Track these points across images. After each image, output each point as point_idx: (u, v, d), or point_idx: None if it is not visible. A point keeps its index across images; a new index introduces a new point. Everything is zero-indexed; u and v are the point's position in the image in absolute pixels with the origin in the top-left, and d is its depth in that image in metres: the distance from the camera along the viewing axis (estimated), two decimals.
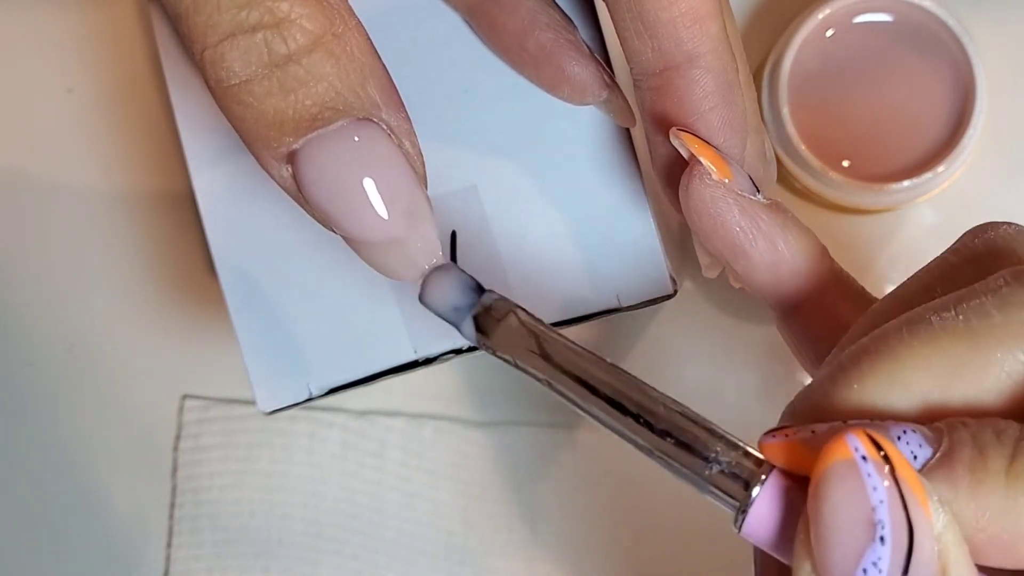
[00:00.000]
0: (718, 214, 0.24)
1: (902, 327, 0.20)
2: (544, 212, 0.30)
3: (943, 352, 0.20)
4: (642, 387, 0.22)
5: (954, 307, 0.20)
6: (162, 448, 0.42)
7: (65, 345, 0.42)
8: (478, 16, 0.30)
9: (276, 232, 0.31)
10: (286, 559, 0.42)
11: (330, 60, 0.21)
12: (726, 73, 0.25)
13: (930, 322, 0.20)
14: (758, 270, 0.25)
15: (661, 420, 0.21)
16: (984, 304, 0.20)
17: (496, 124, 0.30)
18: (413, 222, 0.22)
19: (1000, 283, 0.20)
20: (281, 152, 0.22)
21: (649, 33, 0.25)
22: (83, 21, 0.42)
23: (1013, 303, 0.20)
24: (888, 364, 0.20)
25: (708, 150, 0.25)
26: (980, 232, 0.23)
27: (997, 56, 0.39)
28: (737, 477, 0.20)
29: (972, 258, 0.23)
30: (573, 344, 0.22)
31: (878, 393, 0.20)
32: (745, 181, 0.25)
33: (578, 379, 0.22)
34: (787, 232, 0.25)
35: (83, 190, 0.42)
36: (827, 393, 0.21)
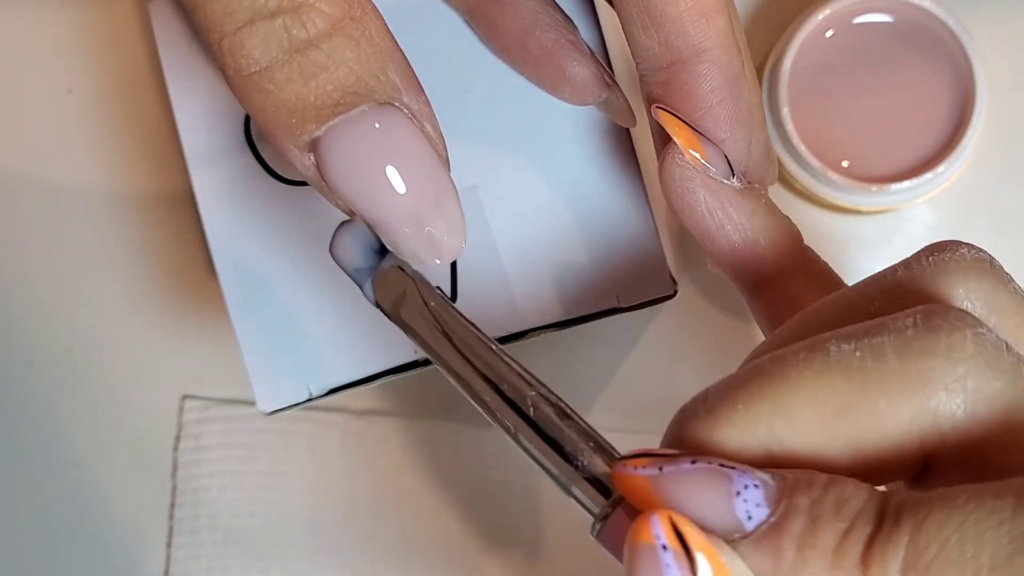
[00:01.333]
0: (686, 193, 0.25)
1: (801, 352, 0.19)
2: (544, 212, 0.30)
3: (832, 389, 0.19)
4: (526, 378, 0.21)
5: (857, 340, 0.19)
6: (162, 448, 0.42)
7: (65, 345, 0.42)
8: (478, 16, 0.30)
9: (276, 232, 0.31)
10: (286, 559, 0.42)
11: (350, 44, 0.21)
12: (732, 67, 0.25)
13: (828, 352, 0.19)
14: (722, 251, 0.25)
15: (538, 413, 0.21)
16: (884, 345, 0.19)
17: (496, 124, 0.30)
18: (438, 205, 0.22)
19: (908, 323, 0.19)
20: (304, 140, 0.21)
21: (656, 27, 0.25)
22: (83, 21, 0.42)
23: (913, 349, 0.19)
24: (776, 391, 0.19)
25: (684, 131, 0.25)
26: (934, 251, 0.21)
27: (997, 56, 0.39)
28: (601, 485, 0.20)
29: (909, 280, 0.21)
30: (464, 324, 0.22)
31: (760, 420, 0.19)
32: (721, 163, 0.25)
33: (458, 361, 0.22)
34: (755, 218, 0.25)
35: (83, 190, 0.42)
36: (711, 410, 0.20)
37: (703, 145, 0.25)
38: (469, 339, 0.22)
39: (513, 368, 0.21)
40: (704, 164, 0.25)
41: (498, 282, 0.30)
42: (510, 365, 0.21)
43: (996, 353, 0.19)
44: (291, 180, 0.31)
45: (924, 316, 0.19)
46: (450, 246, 0.22)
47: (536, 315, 0.30)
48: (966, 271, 0.20)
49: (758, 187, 0.26)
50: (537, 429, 0.21)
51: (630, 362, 0.41)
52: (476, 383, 0.21)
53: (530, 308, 0.30)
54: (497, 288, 0.30)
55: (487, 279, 0.30)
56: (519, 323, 0.30)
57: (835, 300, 0.21)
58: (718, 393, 0.20)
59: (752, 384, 0.19)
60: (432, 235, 0.22)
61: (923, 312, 0.19)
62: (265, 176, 0.31)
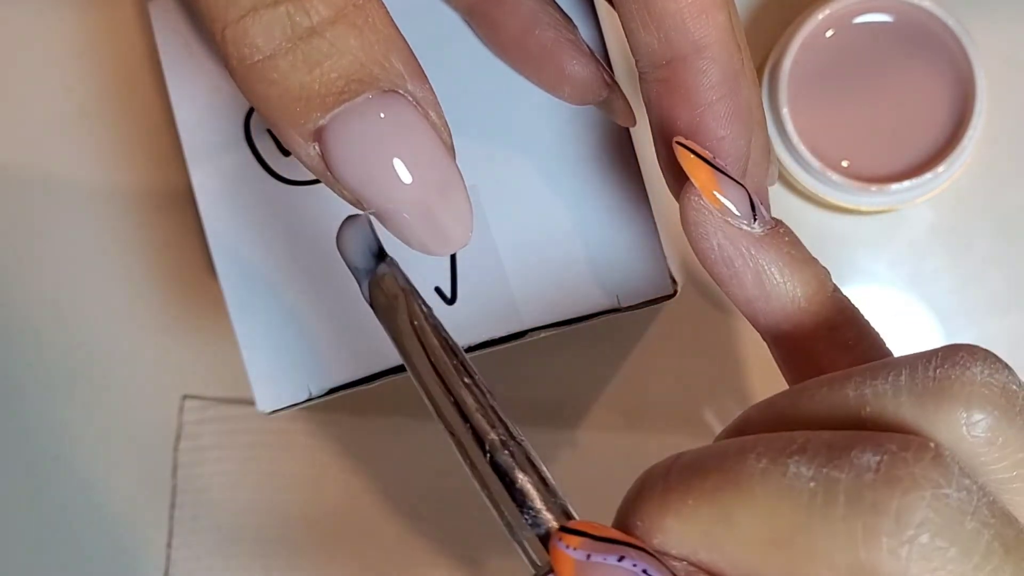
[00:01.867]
0: (700, 239, 0.24)
1: (764, 460, 0.19)
2: (544, 212, 0.30)
3: (777, 517, 0.18)
4: (491, 419, 0.21)
5: (819, 466, 0.18)
6: (162, 448, 0.42)
7: (65, 345, 0.42)
8: (478, 16, 0.29)
9: (276, 232, 0.31)
10: (286, 559, 0.42)
11: (353, 32, 0.21)
12: (732, 64, 0.25)
13: (785, 473, 0.18)
14: (737, 301, 0.24)
15: (494, 457, 0.20)
16: (839, 484, 0.18)
17: (496, 124, 0.30)
18: (445, 194, 0.22)
19: (871, 464, 0.18)
20: (308, 129, 0.21)
21: (656, 24, 0.24)
22: (83, 21, 0.42)
23: (864, 501, 0.18)
24: (726, 498, 0.19)
25: (703, 171, 0.24)
26: (945, 361, 0.20)
27: (997, 56, 0.39)
28: (545, 541, 0.20)
29: (908, 394, 0.20)
30: (443, 349, 0.22)
31: (703, 522, 0.19)
32: (743, 205, 0.24)
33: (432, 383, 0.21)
34: (776, 269, 0.24)
35: (83, 190, 0.42)
36: (666, 492, 0.19)
37: (724, 186, 0.24)
38: (442, 366, 0.21)
39: (481, 405, 0.21)
40: (725, 205, 0.24)
41: (498, 282, 0.30)
42: (479, 402, 0.21)
43: (955, 519, 0.18)
44: (291, 179, 0.31)
45: (889, 462, 0.18)
46: (457, 235, 0.22)
47: (536, 315, 0.30)
48: (970, 397, 0.19)
49: (784, 231, 0.24)
50: (494, 471, 0.20)
51: (630, 362, 0.41)
52: (446, 409, 0.21)
53: (530, 308, 0.30)
54: (497, 288, 0.30)
55: (487, 279, 0.30)
56: (519, 323, 0.30)
57: (829, 391, 0.21)
58: (678, 476, 0.20)
59: (708, 481, 0.19)
60: (439, 224, 0.22)
61: (890, 456, 0.18)
62: (265, 175, 0.31)
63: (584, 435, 0.41)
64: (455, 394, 0.21)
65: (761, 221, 0.24)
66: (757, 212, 0.24)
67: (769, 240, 0.24)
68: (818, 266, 0.24)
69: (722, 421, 0.41)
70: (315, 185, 0.31)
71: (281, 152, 0.31)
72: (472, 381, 0.21)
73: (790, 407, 0.21)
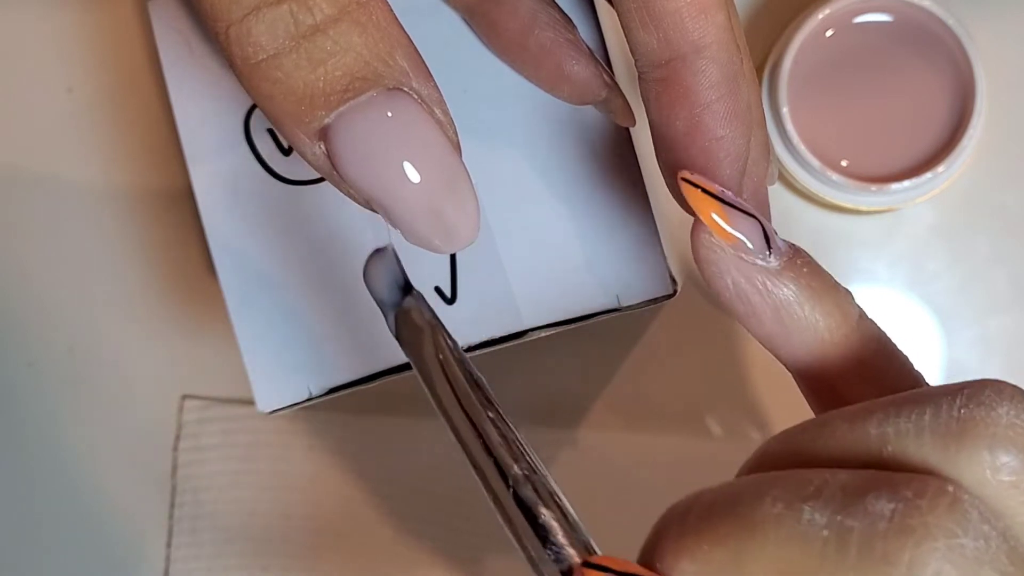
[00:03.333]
0: (714, 277, 0.23)
1: (779, 505, 0.18)
2: (544, 212, 0.30)
3: (788, 563, 0.18)
4: (515, 453, 0.21)
5: (832, 513, 0.18)
6: (162, 448, 0.42)
7: (65, 345, 0.42)
8: (478, 16, 0.29)
9: (276, 232, 0.31)
10: (286, 559, 0.42)
11: (357, 29, 0.21)
12: (732, 64, 0.25)
13: (799, 519, 0.18)
14: (758, 338, 0.23)
15: (517, 492, 0.20)
16: (852, 533, 0.18)
17: (496, 124, 0.30)
18: (451, 191, 0.22)
19: (885, 511, 0.18)
20: (313, 128, 0.21)
21: (655, 23, 0.24)
22: (83, 21, 0.42)
23: (875, 552, 0.17)
24: (739, 543, 0.18)
25: (711, 207, 0.23)
26: (971, 399, 0.19)
27: (997, 56, 0.39)
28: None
29: (931, 432, 0.19)
30: (472, 383, 0.21)
31: (717, 567, 0.19)
32: (756, 239, 0.22)
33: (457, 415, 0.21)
34: (796, 303, 0.23)
35: (83, 190, 0.42)
36: (683, 534, 0.19)
37: (735, 220, 0.22)
38: (466, 400, 0.21)
39: (505, 438, 0.21)
40: (738, 239, 0.22)
41: (498, 282, 0.30)
42: (503, 435, 0.21)
43: (970, 570, 0.17)
44: (291, 179, 0.31)
45: (903, 511, 0.18)
46: (464, 232, 0.22)
47: (536, 315, 0.30)
48: (994, 438, 0.19)
49: (802, 261, 0.23)
50: (518, 506, 0.20)
51: (630, 362, 0.41)
52: (470, 442, 0.21)
53: (530, 308, 0.30)
54: (497, 288, 0.30)
55: (487, 279, 0.30)
56: (519, 323, 0.30)
57: (850, 429, 0.20)
58: (696, 518, 0.19)
59: (723, 526, 0.19)
60: (445, 221, 0.22)
61: (904, 504, 0.18)
62: (265, 175, 0.31)
63: (584, 435, 0.41)
64: (479, 427, 0.21)
65: (776, 253, 0.23)
66: (772, 244, 0.23)
67: (787, 273, 0.23)
68: (841, 294, 0.23)
69: (722, 421, 0.41)
70: (315, 185, 0.31)
71: (281, 152, 0.31)
72: (497, 415, 0.21)
73: (809, 443, 0.20)
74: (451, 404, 0.21)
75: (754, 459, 0.21)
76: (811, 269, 0.23)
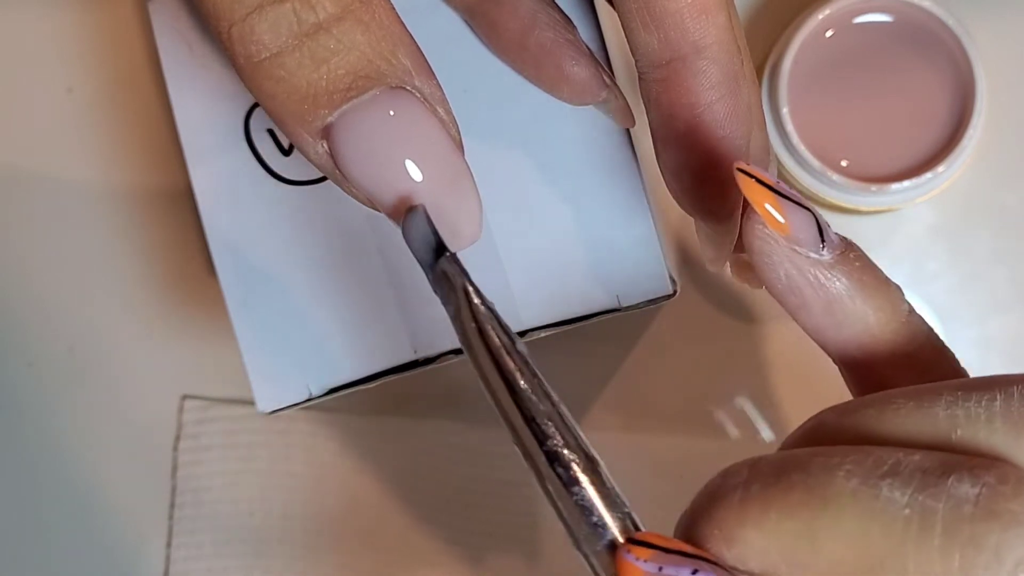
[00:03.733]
0: (767, 268, 0.23)
1: (854, 480, 0.18)
2: (544, 212, 0.30)
3: (867, 538, 0.18)
4: (563, 426, 0.20)
5: (913, 492, 0.18)
6: (162, 448, 0.42)
7: (65, 345, 0.42)
8: (478, 16, 0.29)
9: (276, 232, 0.31)
10: (286, 559, 0.42)
11: (360, 28, 0.21)
12: (732, 64, 0.25)
13: (878, 496, 0.18)
14: (807, 330, 0.23)
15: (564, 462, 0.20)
16: (936, 514, 0.18)
17: (496, 124, 0.30)
18: (454, 189, 0.22)
19: (970, 495, 0.18)
20: (316, 127, 0.21)
21: (656, 24, 0.24)
22: (83, 21, 0.42)
23: (962, 533, 0.17)
24: (812, 515, 0.18)
25: (766, 197, 0.22)
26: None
27: (997, 56, 0.39)
28: (613, 552, 0.19)
29: (1002, 419, 0.19)
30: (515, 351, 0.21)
31: (786, 537, 0.18)
32: (809, 231, 0.22)
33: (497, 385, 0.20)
34: (847, 297, 0.22)
35: (83, 190, 0.42)
36: (746, 502, 0.19)
37: (790, 212, 0.22)
38: (503, 365, 0.20)
39: (546, 408, 0.20)
40: (792, 231, 0.22)
41: (498, 282, 0.30)
42: (544, 405, 0.20)
43: None
44: (291, 179, 0.31)
45: (988, 496, 0.18)
46: (467, 231, 0.22)
47: (536, 315, 0.30)
48: None
49: (855, 255, 0.23)
50: (559, 479, 0.20)
51: (630, 362, 0.41)
52: (511, 415, 0.20)
53: (530, 308, 0.30)
54: (497, 288, 0.30)
55: (487, 279, 0.30)
56: (519, 323, 0.30)
57: (918, 409, 0.20)
58: (761, 486, 0.19)
59: (792, 495, 0.19)
60: (449, 220, 0.22)
61: (988, 488, 0.18)
62: (265, 175, 0.31)
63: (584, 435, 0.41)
64: (517, 392, 0.20)
65: (830, 246, 0.23)
66: (825, 237, 0.23)
67: (839, 266, 0.23)
68: (891, 289, 0.23)
69: (722, 421, 0.41)
70: (315, 185, 0.31)
71: (281, 152, 0.31)
72: (538, 382, 0.20)
73: (874, 419, 0.20)
74: (489, 369, 0.20)
75: (806, 431, 0.21)
76: (863, 263, 0.23)
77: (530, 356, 0.21)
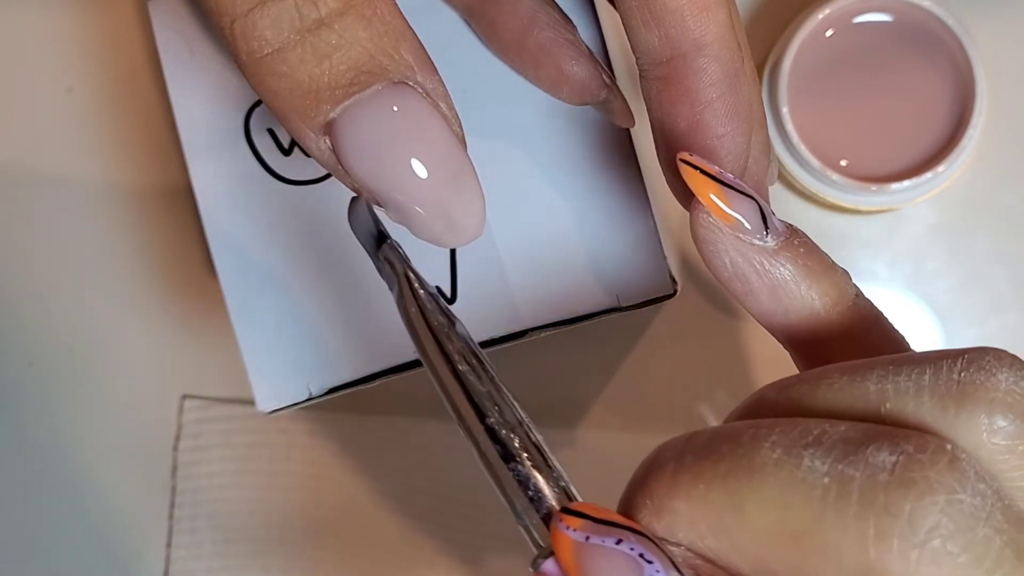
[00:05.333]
0: (713, 256, 0.23)
1: (778, 450, 0.18)
2: (544, 212, 0.30)
3: (788, 509, 0.18)
4: (502, 396, 0.21)
5: (833, 461, 0.18)
6: (162, 448, 0.42)
7: (65, 345, 0.42)
8: (478, 16, 0.29)
9: (276, 232, 0.31)
10: (286, 559, 0.42)
11: (362, 23, 0.21)
12: (732, 62, 0.25)
13: (800, 465, 0.18)
14: (755, 316, 0.24)
15: (503, 436, 0.20)
16: (853, 482, 0.18)
17: (496, 124, 0.30)
18: (457, 185, 0.22)
19: (886, 463, 0.18)
20: (318, 122, 0.21)
21: (656, 21, 0.24)
22: (83, 21, 0.42)
23: (877, 502, 0.17)
24: (738, 485, 0.18)
25: (709, 187, 0.23)
26: (971, 364, 0.20)
27: (997, 56, 0.39)
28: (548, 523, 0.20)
29: (930, 392, 0.19)
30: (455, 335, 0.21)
31: (714, 507, 0.19)
32: (754, 219, 0.23)
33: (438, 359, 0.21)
34: (793, 283, 0.23)
35: (83, 190, 0.42)
36: (678, 473, 0.19)
37: (733, 200, 0.23)
38: (445, 346, 0.21)
39: (485, 387, 0.21)
40: (735, 220, 0.23)
41: (498, 282, 0.30)
42: (483, 384, 0.21)
43: (967, 525, 0.17)
44: (291, 179, 0.31)
45: (905, 464, 0.18)
46: (470, 226, 0.22)
47: (536, 315, 0.30)
48: (993, 403, 0.19)
49: (799, 241, 0.23)
50: (499, 454, 0.20)
51: (630, 362, 0.41)
52: (452, 388, 0.21)
53: (530, 308, 0.30)
54: (497, 288, 0.30)
55: (487, 279, 0.30)
56: (519, 323, 0.30)
57: (850, 382, 0.20)
58: (692, 459, 0.19)
59: (721, 466, 0.19)
60: (452, 216, 0.22)
61: (906, 457, 0.18)
62: (265, 175, 0.31)
63: (584, 435, 0.41)
64: (458, 373, 0.21)
65: (774, 233, 0.23)
66: (769, 224, 0.23)
67: (784, 253, 0.23)
68: (838, 274, 0.24)
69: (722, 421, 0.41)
70: (315, 185, 0.31)
71: (281, 152, 0.31)
72: (477, 362, 0.21)
73: (807, 393, 0.21)
74: (432, 351, 0.21)
75: (747, 405, 0.22)
76: (807, 249, 0.23)
77: (471, 339, 0.21)
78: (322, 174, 0.31)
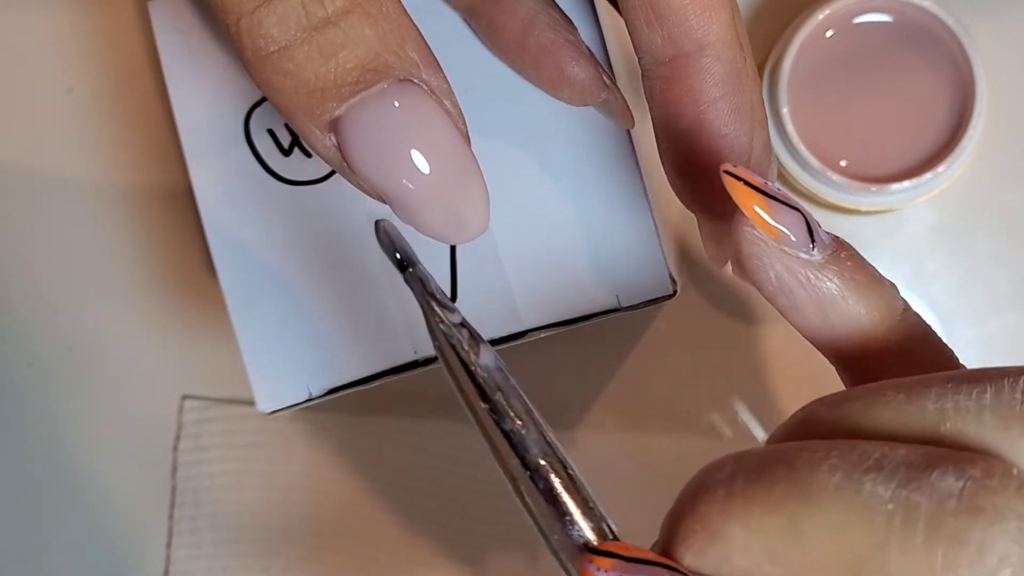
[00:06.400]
0: (757, 270, 0.22)
1: (838, 475, 0.18)
2: (544, 212, 0.30)
3: (849, 533, 0.18)
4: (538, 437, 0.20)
5: (897, 487, 0.18)
6: (162, 448, 0.42)
7: (65, 345, 0.42)
8: (478, 16, 0.29)
9: (276, 232, 0.31)
10: (286, 559, 0.42)
11: (368, 21, 0.21)
12: (735, 62, 0.25)
13: (861, 490, 0.18)
14: (800, 330, 0.23)
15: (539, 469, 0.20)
16: (919, 508, 0.17)
17: (496, 124, 0.30)
18: (461, 182, 0.22)
19: (954, 489, 0.17)
20: (324, 120, 0.21)
21: (659, 21, 0.24)
22: (83, 21, 0.42)
23: (945, 529, 0.17)
24: (795, 509, 0.18)
25: (753, 199, 0.22)
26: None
27: (997, 56, 0.39)
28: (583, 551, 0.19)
29: (991, 413, 0.19)
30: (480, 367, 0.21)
31: (770, 532, 0.18)
32: (799, 231, 0.22)
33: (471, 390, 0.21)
34: (840, 297, 0.22)
35: (83, 190, 0.42)
36: (730, 497, 0.19)
37: (778, 213, 0.22)
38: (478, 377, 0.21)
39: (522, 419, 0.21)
40: (781, 232, 0.22)
41: (498, 282, 0.30)
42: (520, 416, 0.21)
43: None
44: (291, 179, 0.31)
45: (972, 490, 0.17)
46: (474, 222, 0.22)
47: (536, 315, 0.30)
48: None
49: (847, 254, 0.23)
50: (534, 485, 0.20)
51: (630, 362, 0.41)
52: (486, 423, 0.21)
53: (530, 308, 0.30)
54: (497, 288, 0.30)
55: (487, 279, 0.30)
56: (519, 323, 0.30)
57: (907, 401, 0.20)
58: (745, 482, 0.19)
59: (776, 490, 0.18)
60: (456, 212, 0.22)
61: (973, 482, 0.17)
62: (265, 175, 0.31)
63: (584, 435, 0.41)
64: (495, 406, 0.21)
65: (820, 246, 0.22)
66: (815, 237, 0.22)
67: (830, 266, 0.22)
68: (885, 287, 0.23)
69: (722, 421, 0.41)
70: (315, 185, 0.31)
71: (281, 152, 0.31)
72: (512, 390, 0.21)
73: (861, 411, 0.20)
74: (464, 380, 0.21)
75: (797, 422, 0.21)
76: (855, 262, 0.23)
77: (499, 367, 0.21)
78: (322, 174, 0.31)
